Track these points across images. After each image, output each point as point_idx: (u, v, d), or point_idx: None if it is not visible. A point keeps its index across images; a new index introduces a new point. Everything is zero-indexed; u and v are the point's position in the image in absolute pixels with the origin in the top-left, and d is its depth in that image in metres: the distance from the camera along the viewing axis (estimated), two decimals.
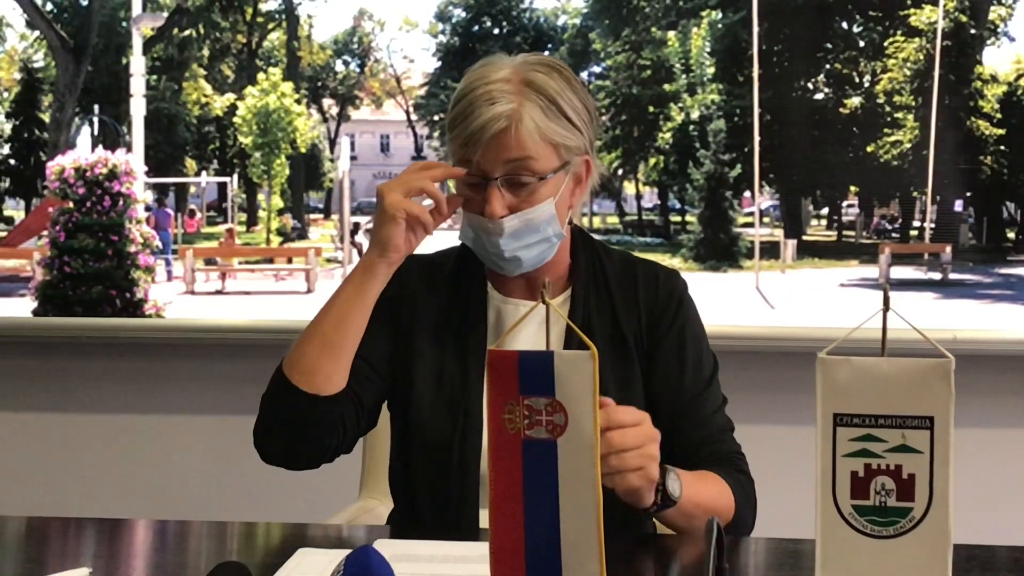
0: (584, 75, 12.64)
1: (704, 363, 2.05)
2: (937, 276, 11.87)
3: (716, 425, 2.00)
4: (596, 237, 2.18)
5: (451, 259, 2.13)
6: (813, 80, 12.55)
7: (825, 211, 15.68)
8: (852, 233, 14.77)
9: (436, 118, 12.09)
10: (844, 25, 12.56)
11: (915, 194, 12.82)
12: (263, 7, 10.89)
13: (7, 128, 10.17)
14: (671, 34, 12.06)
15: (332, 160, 11.92)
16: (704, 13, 12.06)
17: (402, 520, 2.07)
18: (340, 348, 1.89)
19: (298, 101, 10.73)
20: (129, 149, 8.34)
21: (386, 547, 1.62)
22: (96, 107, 10.00)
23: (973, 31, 11.84)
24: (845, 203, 15.52)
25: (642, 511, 1.76)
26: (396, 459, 2.08)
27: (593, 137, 2.03)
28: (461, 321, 2.05)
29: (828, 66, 12.37)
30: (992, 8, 12.17)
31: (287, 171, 11.06)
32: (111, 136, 9.65)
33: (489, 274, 2.09)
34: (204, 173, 11.79)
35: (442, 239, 2.13)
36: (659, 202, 14.76)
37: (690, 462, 1.96)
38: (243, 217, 12.07)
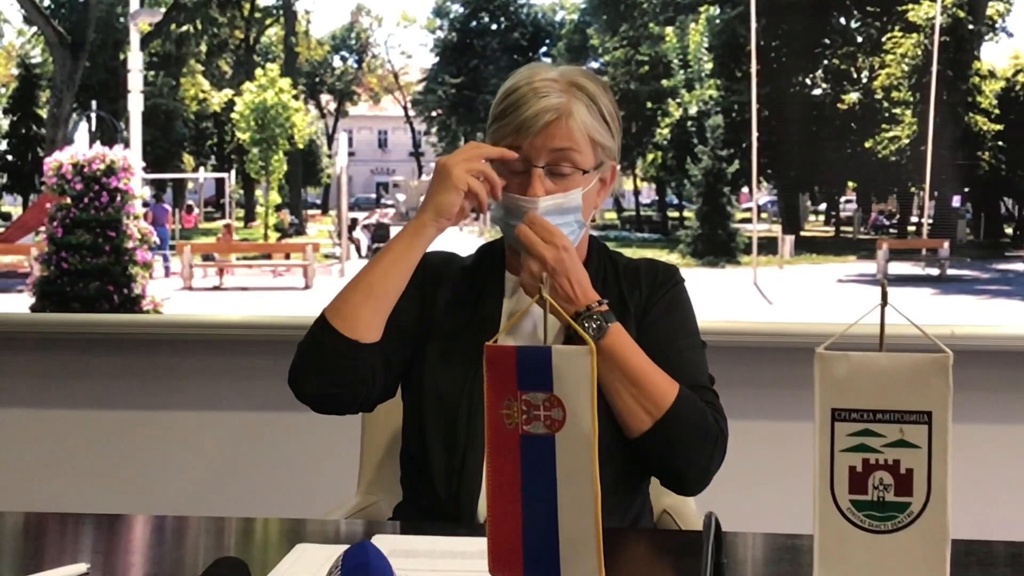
0: None
1: (688, 330, 2.19)
2: (935, 272, 11.85)
3: (693, 379, 2.09)
4: (593, 232, 2.25)
5: (470, 257, 2.29)
6: (811, 76, 12.54)
7: (823, 207, 15.66)
8: (850, 229, 14.76)
9: (434, 114, 12.07)
10: (842, 21, 12.54)
11: (913, 190, 12.80)
12: (260, 3, 10.88)
13: (4, 124, 10.15)
14: (669, 30, 12.03)
15: (330, 156, 11.91)
16: (702, 9, 12.04)
17: (414, 489, 2.16)
18: (381, 299, 2.03)
19: (296, 97, 10.71)
20: (127, 145, 8.32)
21: (384, 542, 1.62)
22: (94, 103, 9.98)
23: (971, 27, 11.83)
24: (843, 199, 15.51)
25: (566, 324, 1.91)
26: (410, 425, 2.17)
27: (619, 145, 2.21)
28: (476, 303, 2.18)
29: (826, 62, 12.36)
30: (990, 4, 12.16)
31: (285, 167, 11.04)
32: (109, 132, 9.64)
33: (509, 263, 2.22)
34: (202, 169, 11.76)
35: (451, 241, 2.22)
36: (657, 198, 14.73)
37: None
38: (241, 213, 12.04)
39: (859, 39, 13.09)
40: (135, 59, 9.05)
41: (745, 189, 13.13)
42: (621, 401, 1.99)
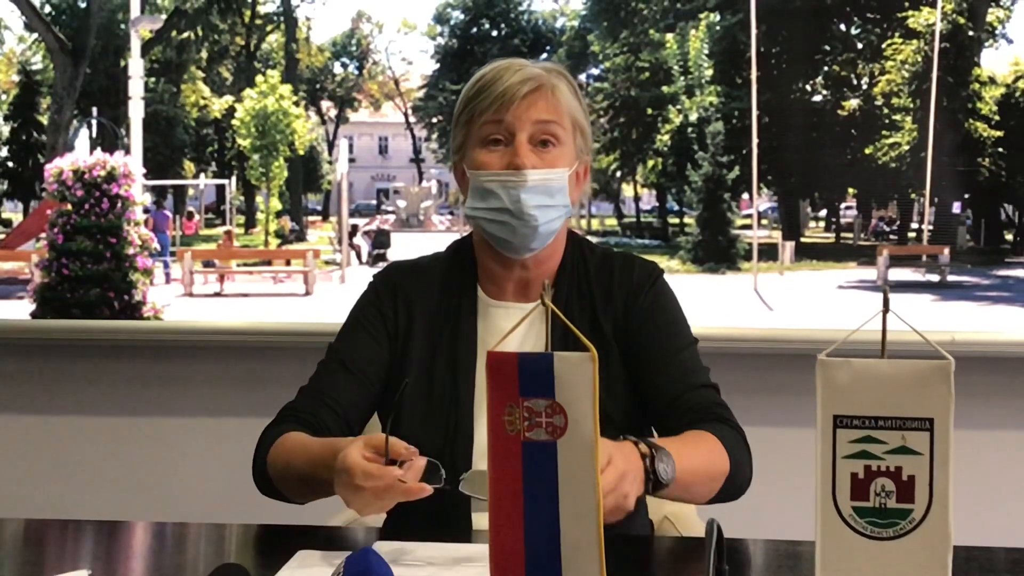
0: (583, 77, 12.66)
1: (680, 330, 2.12)
2: (935, 278, 11.87)
3: (695, 380, 2.05)
4: (592, 239, 2.22)
5: (440, 263, 2.19)
6: (811, 82, 12.56)
7: (823, 213, 15.70)
8: (850, 235, 14.79)
9: (435, 120, 12.08)
10: (842, 27, 12.57)
11: (913, 196, 12.83)
12: (261, 9, 10.90)
13: (5, 130, 10.17)
14: (669, 36, 12.07)
15: (330, 162, 11.93)
16: (702, 15, 12.07)
17: (395, 527, 2.06)
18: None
19: (296, 103, 10.74)
20: (127, 151, 8.34)
21: (386, 549, 1.62)
22: (94, 109, 10.00)
23: (971, 33, 11.85)
24: (843, 205, 15.54)
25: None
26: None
27: (591, 147, 2.15)
28: (452, 329, 2.10)
29: (826, 68, 12.39)
30: (990, 10, 12.18)
31: (285, 173, 11.06)
32: (109, 138, 9.65)
33: (482, 277, 2.14)
34: (202, 175, 11.79)
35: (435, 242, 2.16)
36: (657, 204, 14.77)
37: (672, 417, 2.00)
38: (241, 219, 12.06)
39: (859, 46, 13.06)
40: (136, 66, 9.07)
41: (745, 195, 13.11)
42: (693, 496, 1.92)
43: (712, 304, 9.68)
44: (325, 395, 2.06)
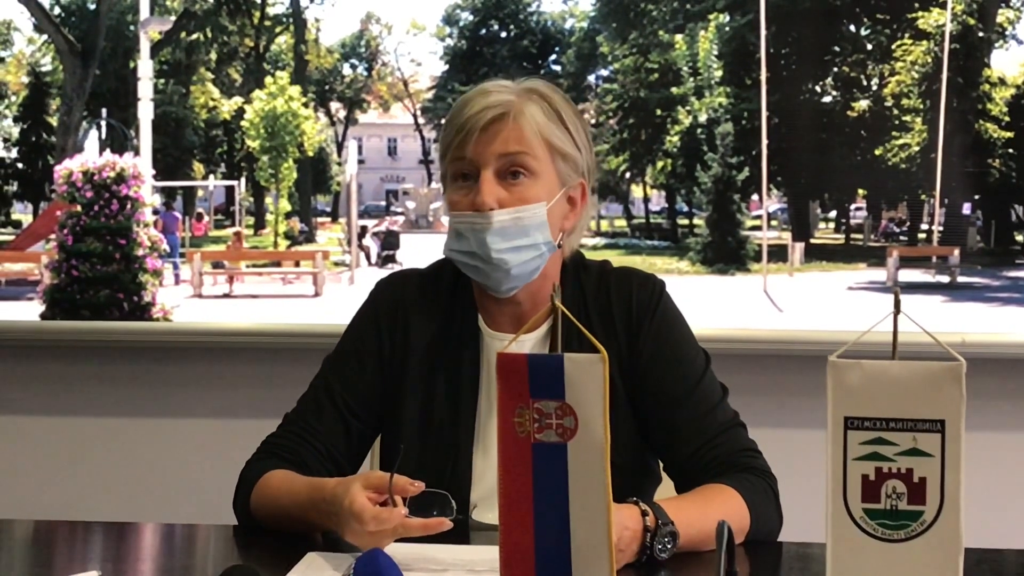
0: (591, 79, 12.64)
1: (689, 365, 2.03)
2: (945, 279, 11.83)
3: (715, 425, 1.97)
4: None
5: (448, 278, 2.11)
6: (821, 83, 12.52)
7: (833, 214, 15.68)
8: (860, 236, 14.75)
9: (444, 121, 12.12)
10: (852, 28, 12.54)
11: (923, 197, 12.78)
12: (270, 11, 10.89)
13: (15, 132, 10.16)
14: (678, 37, 12.02)
15: (339, 163, 11.91)
16: (711, 16, 12.05)
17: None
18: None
19: (305, 105, 10.72)
20: (137, 153, 8.33)
21: (395, 551, 1.62)
22: (104, 111, 9.99)
23: (981, 34, 11.80)
24: (853, 206, 15.51)
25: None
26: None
27: (591, 167, 2.02)
28: (453, 359, 2.04)
29: (836, 69, 12.34)
30: (1000, 11, 12.15)
31: (295, 175, 11.04)
32: (119, 140, 9.65)
33: (480, 306, 2.07)
34: (212, 177, 11.76)
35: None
36: (667, 205, 14.73)
37: (694, 469, 1.93)
38: (251, 220, 12.04)
39: (869, 46, 13.10)
40: (145, 67, 9.07)
41: (755, 196, 13.13)
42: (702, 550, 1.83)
43: (722, 305, 9.65)
44: (309, 431, 2.04)
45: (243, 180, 12.12)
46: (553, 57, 12.49)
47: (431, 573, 1.63)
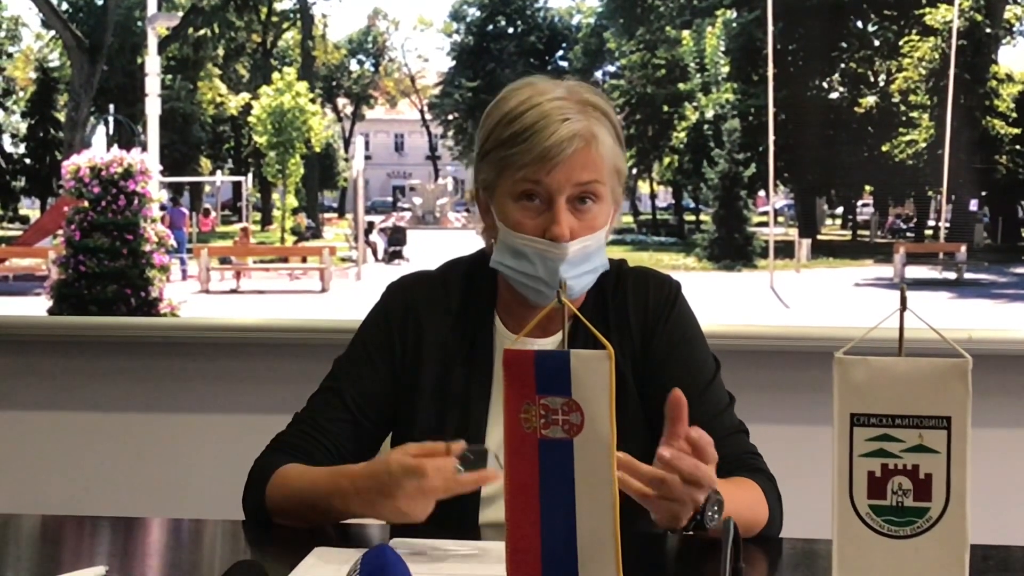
0: (598, 74, 12.64)
1: (700, 366, 2.02)
2: (952, 275, 11.82)
3: (721, 428, 1.93)
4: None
5: (458, 280, 2.08)
6: (828, 79, 12.51)
7: (840, 210, 15.66)
8: (867, 232, 14.74)
9: (451, 117, 12.07)
10: (859, 24, 12.52)
11: (930, 193, 12.77)
12: (278, 6, 10.90)
13: (23, 127, 10.19)
14: (685, 33, 12.02)
15: (346, 159, 11.92)
16: (718, 12, 12.04)
17: (405, 525, 2.05)
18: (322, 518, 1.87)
19: (313, 100, 10.73)
20: (144, 148, 8.33)
21: (402, 546, 1.62)
22: (111, 106, 10.01)
23: (988, 30, 11.78)
24: (860, 202, 15.50)
25: (671, 531, 1.72)
26: None
27: (625, 181, 1.99)
28: (465, 360, 2.02)
29: (843, 65, 12.33)
30: (1007, 7, 12.13)
31: (301, 170, 11.06)
32: (126, 135, 9.66)
33: (505, 310, 2.05)
34: (219, 172, 11.79)
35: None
36: (673, 201, 14.73)
37: None
38: (258, 216, 12.06)
39: (876, 43, 13.04)
40: (152, 63, 9.08)
41: (762, 193, 13.08)
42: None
43: (728, 302, 9.65)
44: (319, 429, 2.01)
45: (250, 176, 12.12)
46: (560, 53, 12.47)
47: (438, 567, 1.63)
